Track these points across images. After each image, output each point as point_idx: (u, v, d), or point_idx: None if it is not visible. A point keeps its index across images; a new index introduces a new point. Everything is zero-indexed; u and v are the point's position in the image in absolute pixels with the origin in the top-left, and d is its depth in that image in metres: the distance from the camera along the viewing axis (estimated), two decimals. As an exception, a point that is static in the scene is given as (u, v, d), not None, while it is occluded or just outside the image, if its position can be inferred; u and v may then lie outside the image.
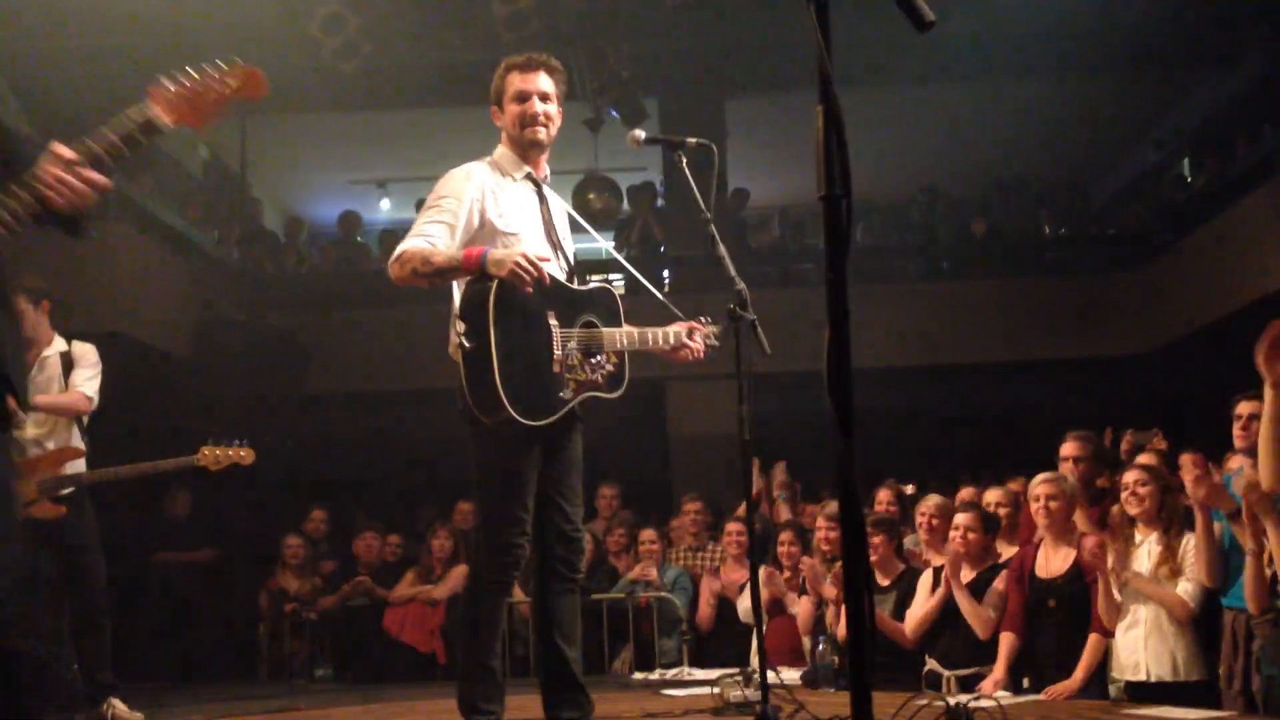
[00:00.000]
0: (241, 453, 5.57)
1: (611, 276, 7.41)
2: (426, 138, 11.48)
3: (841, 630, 5.64)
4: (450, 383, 3.54)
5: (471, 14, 9.52)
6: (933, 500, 6.04)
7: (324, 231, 14.02)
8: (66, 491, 5.38)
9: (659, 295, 3.96)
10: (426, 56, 10.28)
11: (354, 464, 10.89)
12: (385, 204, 14.56)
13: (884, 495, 6.88)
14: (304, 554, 8.51)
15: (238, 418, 5.72)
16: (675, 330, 3.90)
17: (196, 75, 2.74)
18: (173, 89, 2.71)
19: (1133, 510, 4.88)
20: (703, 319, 4.00)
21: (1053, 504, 5.15)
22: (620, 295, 3.89)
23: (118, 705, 5.43)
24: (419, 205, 13.44)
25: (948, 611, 5.45)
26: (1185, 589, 4.69)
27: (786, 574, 6.70)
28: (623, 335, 3.75)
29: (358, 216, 13.03)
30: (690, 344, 3.89)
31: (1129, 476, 4.97)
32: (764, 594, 6.16)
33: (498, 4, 9.14)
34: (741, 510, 6.09)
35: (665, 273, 11.55)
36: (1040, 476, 5.29)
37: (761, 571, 6.42)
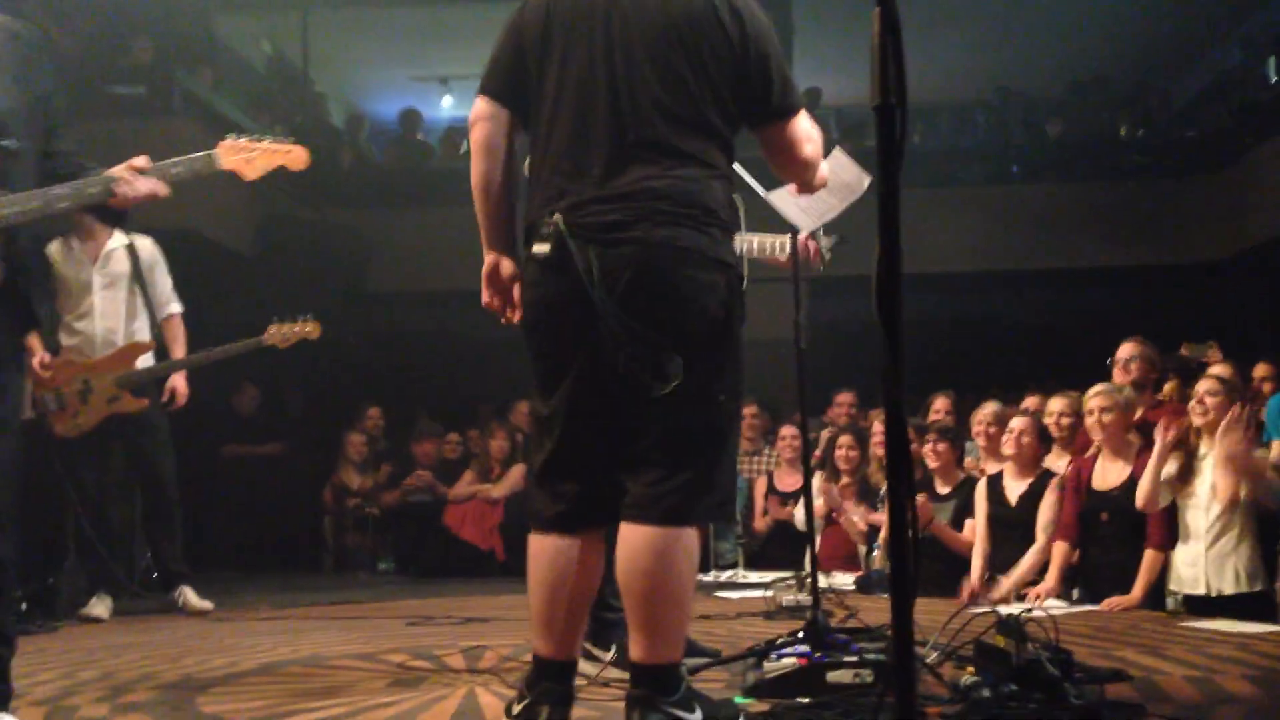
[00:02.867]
0: (308, 327, 5.64)
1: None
2: (489, 33, 11.29)
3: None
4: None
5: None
6: (989, 408, 5.99)
7: (386, 128, 13.99)
8: (144, 383, 5.50)
9: (761, 192, 3.83)
10: (489, -51, 10.11)
11: (415, 361, 11.00)
12: (447, 101, 14.46)
13: (940, 404, 6.82)
14: (366, 450, 8.66)
15: (301, 313, 5.76)
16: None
17: (260, 141, 3.47)
18: (240, 143, 3.41)
19: (1198, 420, 4.79)
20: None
21: (1106, 416, 5.07)
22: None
23: (189, 593, 5.62)
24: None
25: (1003, 520, 5.45)
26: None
27: (845, 480, 6.69)
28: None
29: (418, 114, 12.97)
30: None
31: (1201, 386, 4.87)
32: (818, 502, 6.18)
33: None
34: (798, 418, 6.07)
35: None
36: (1095, 388, 5.20)
37: (817, 479, 6.43)
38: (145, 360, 5.56)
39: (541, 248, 2.56)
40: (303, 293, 9.22)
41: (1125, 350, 5.67)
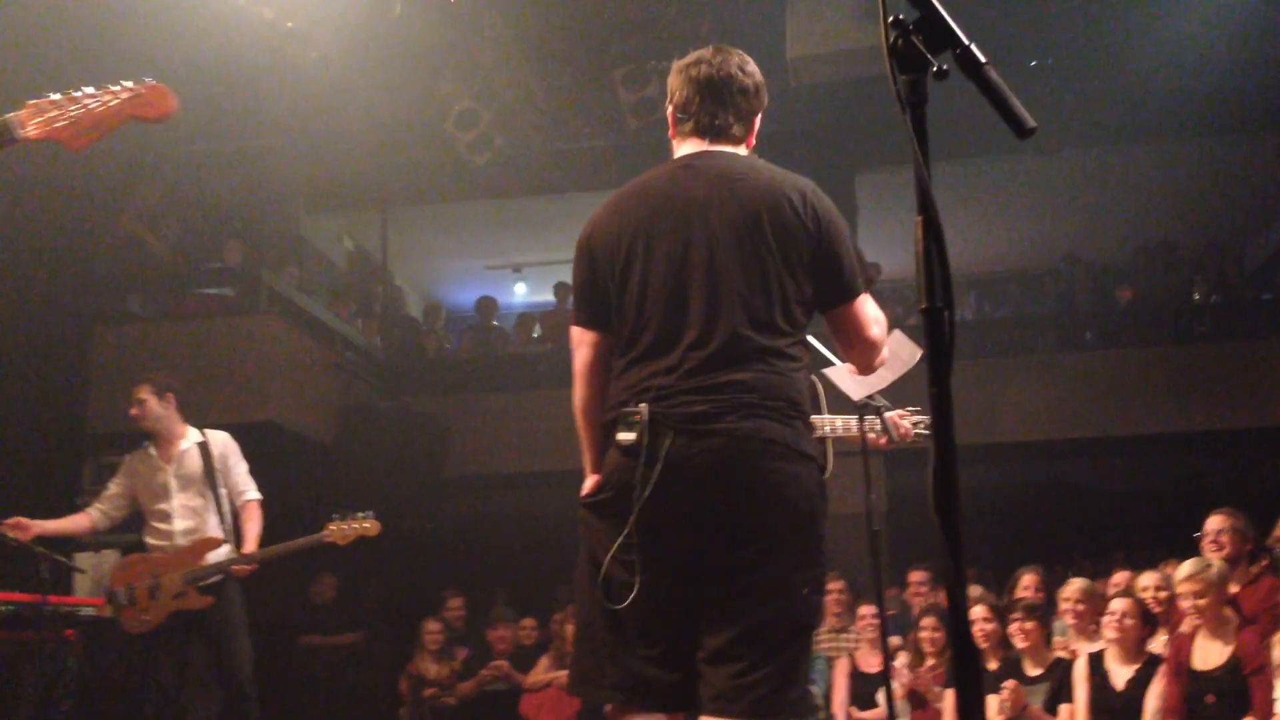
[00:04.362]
0: (366, 524, 5.66)
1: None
2: (558, 222, 11.73)
3: (986, 722, 5.43)
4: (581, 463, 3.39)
5: (599, 102, 9.75)
6: (1077, 584, 5.81)
7: (462, 316, 14.39)
8: (213, 580, 5.54)
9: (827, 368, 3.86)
10: (556, 145, 10.58)
11: (491, 546, 11.02)
12: (520, 288, 14.88)
13: (1029, 580, 6.63)
14: (442, 639, 8.60)
15: (380, 502, 5.84)
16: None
17: (84, 92, 2.65)
18: (48, 101, 2.63)
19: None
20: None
21: (1200, 600, 4.88)
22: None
23: (263, 787, 5.55)
24: (556, 288, 13.57)
25: (1107, 707, 5.22)
26: None
27: (931, 662, 6.47)
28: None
29: (494, 301, 13.35)
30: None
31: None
32: (898, 686, 5.98)
33: (624, 91, 9.34)
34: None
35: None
36: (1183, 569, 5.02)
37: (899, 659, 6.25)
38: (216, 555, 5.60)
39: (627, 435, 2.60)
40: (383, 481, 9.38)
41: (1214, 523, 5.48)
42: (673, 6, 8.60)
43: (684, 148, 2.86)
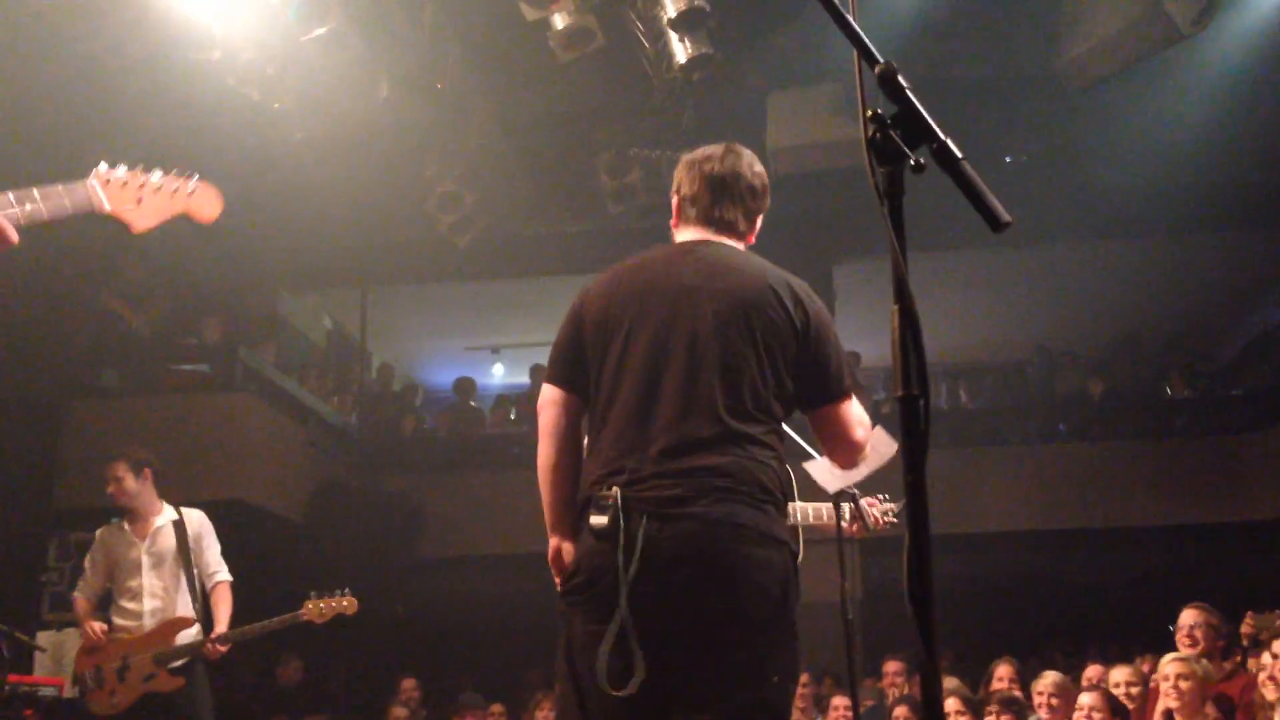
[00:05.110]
0: (344, 602, 5.61)
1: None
2: (538, 305, 11.79)
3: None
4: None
5: (580, 188, 9.88)
6: (1050, 678, 5.77)
7: (440, 396, 14.36)
8: (181, 662, 5.45)
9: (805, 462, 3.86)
10: (538, 228, 10.69)
11: (463, 629, 10.88)
12: (498, 369, 14.90)
13: (1003, 671, 6.59)
14: (410, 723, 8.45)
15: (350, 583, 5.76)
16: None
17: (153, 177, 2.63)
18: (124, 177, 2.59)
19: (1270, 695, 4.60)
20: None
21: (1184, 684, 4.88)
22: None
23: None
24: (532, 370, 13.55)
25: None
26: None
27: (903, 753, 6.41)
28: None
29: (472, 381, 13.34)
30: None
31: (1267, 657, 4.70)
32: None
33: (606, 178, 9.47)
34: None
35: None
36: (1171, 655, 5.03)
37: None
38: (186, 636, 5.51)
39: (599, 519, 2.58)
40: (354, 561, 9.27)
41: (1188, 617, 5.49)
42: (655, 96, 8.76)
43: (686, 233, 2.90)
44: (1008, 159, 10.05)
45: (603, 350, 2.76)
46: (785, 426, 2.85)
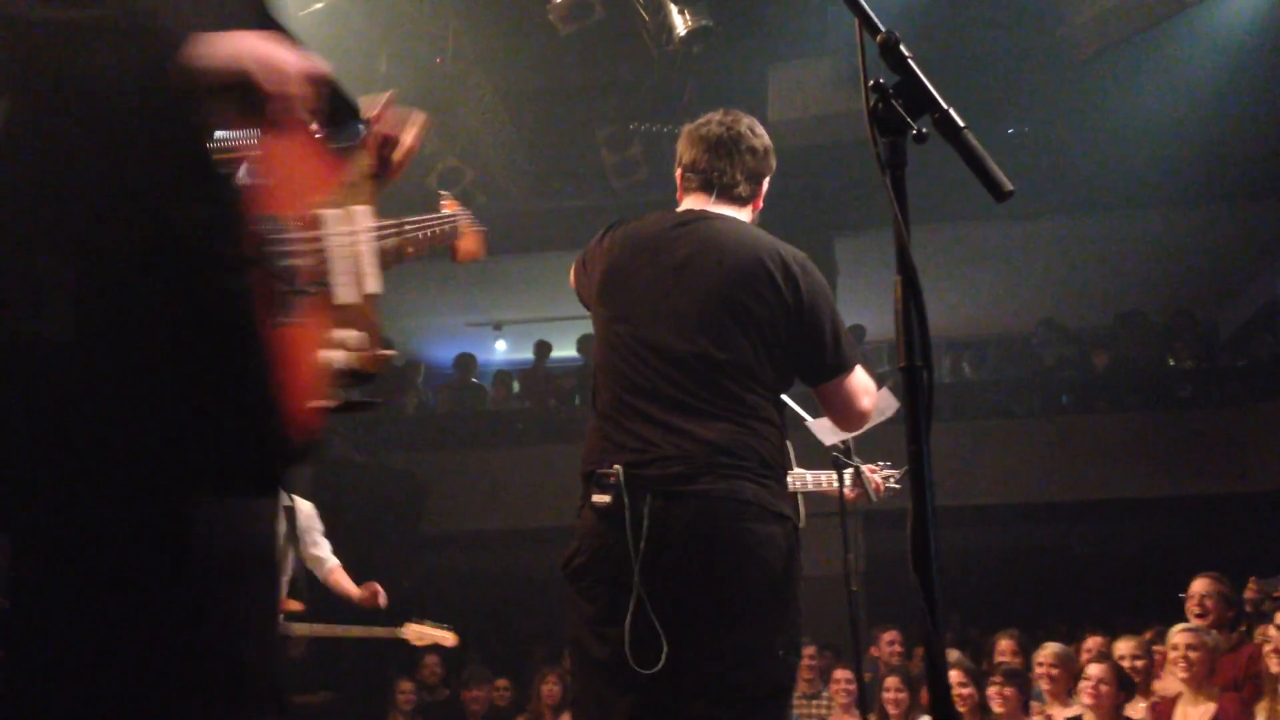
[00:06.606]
0: (444, 634, 5.65)
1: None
2: (539, 280, 11.76)
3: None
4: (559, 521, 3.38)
5: (581, 163, 9.84)
6: (1051, 649, 5.77)
7: (441, 372, 14.35)
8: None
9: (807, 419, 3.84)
10: (539, 203, 10.63)
11: (467, 604, 10.91)
12: (500, 345, 14.88)
13: (1006, 644, 6.60)
14: (415, 700, 8.48)
15: (354, 559, 5.77)
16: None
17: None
18: (475, 231, 2.38)
19: (1275, 669, 4.60)
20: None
21: (1193, 654, 4.88)
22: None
23: None
24: (535, 345, 13.54)
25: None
26: None
27: (897, 724, 6.43)
28: None
29: (473, 358, 13.33)
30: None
31: (1273, 630, 4.69)
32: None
33: (607, 151, 9.42)
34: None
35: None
36: (1180, 626, 5.04)
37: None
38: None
39: (602, 498, 2.57)
40: (358, 538, 9.28)
41: (1200, 586, 5.47)
42: (655, 70, 8.71)
43: (686, 203, 2.87)
44: (1009, 130, 9.99)
45: (600, 324, 2.77)
46: (785, 396, 2.84)
